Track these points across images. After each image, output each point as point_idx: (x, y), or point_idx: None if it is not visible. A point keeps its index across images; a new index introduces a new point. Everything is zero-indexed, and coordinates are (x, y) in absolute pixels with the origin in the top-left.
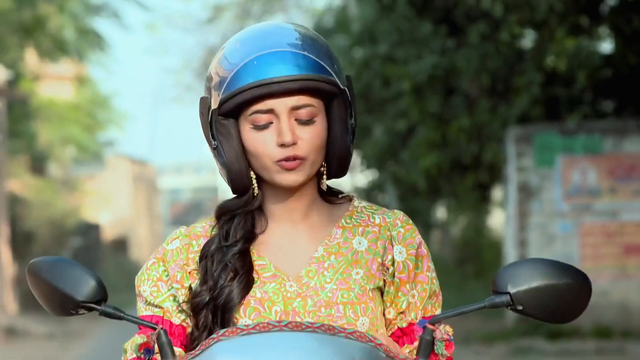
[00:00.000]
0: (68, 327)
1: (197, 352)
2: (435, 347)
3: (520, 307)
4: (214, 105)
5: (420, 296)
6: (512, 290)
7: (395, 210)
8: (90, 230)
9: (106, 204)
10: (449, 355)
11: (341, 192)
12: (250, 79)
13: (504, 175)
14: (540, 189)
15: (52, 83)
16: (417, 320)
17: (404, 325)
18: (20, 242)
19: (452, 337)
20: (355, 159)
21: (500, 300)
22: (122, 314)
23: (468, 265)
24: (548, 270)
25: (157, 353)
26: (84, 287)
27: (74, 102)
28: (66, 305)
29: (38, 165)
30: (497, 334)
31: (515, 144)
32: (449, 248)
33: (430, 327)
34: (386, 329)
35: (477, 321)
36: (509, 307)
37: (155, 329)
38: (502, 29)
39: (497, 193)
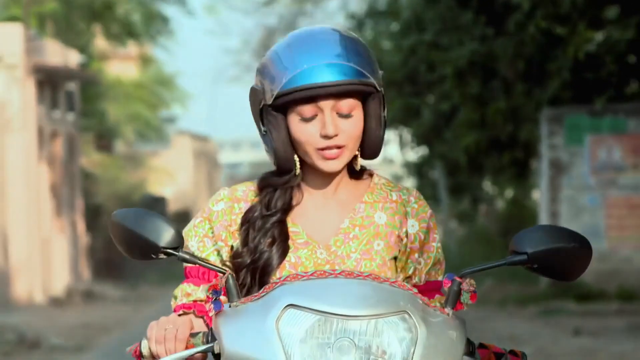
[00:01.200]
0: (139, 291)
1: (262, 294)
2: (461, 297)
3: (535, 266)
4: (268, 99)
5: (426, 262)
6: (529, 250)
7: (409, 188)
8: (156, 202)
9: (170, 178)
10: (472, 303)
11: (364, 168)
12: (301, 82)
13: (539, 152)
14: (570, 165)
15: (118, 63)
16: (422, 282)
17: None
18: (91, 215)
19: (476, 289)
20: (407, 136)
21: (518, 259)
22: (197, 260)
23: (511, 236)
24: (559, 235)
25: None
26: (165, 234)
27: (138, 80)
28: (147, 251)
29: (105, 143)
30: (530, 297)
31: (547, 124)
32: (494, 220)
33: (458, 279)
34: None
35: (513, 286)
36: (525, 265)
37: (224, 273)
38: (529, 23)
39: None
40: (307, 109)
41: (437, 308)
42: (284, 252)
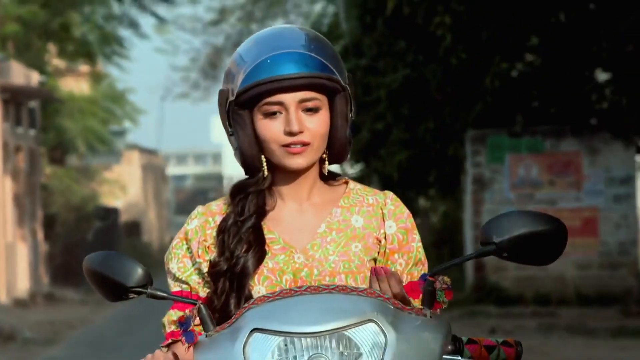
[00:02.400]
0: (96, 295)
1: (232, 321)
2: (437, 296)
3: (505, 254)
4: (231, 96)
5: (407, 263)
6: (497, 239)
7: (386, 191)
8: (108, 213)
9: (121, 190)
10: (449, 300)
11: (339, 175)
12: (264, 75)
13: (464, 169)
14: (492, 181)
15: (70, 80)
16: (405, 283)
17: None
18: (47, 225)
19: (450, 286)
20: None
21: (487, 249)
22: (166, 295)
23: (444, 247)
24: (528, 219)
25: (197, 325)
26: (132, 275)
27: (91, 96)
28: (118, 292)
29: (57, 156)
30: (455, 302)
31: (471, 143)
32: (428, 232)
33: (431, 279)
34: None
35: None
36: (495, 255)
37: (195, 304)
38: (452, 54)
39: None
40: (272, 106)
41: (414, 311)
42: (261, 257)
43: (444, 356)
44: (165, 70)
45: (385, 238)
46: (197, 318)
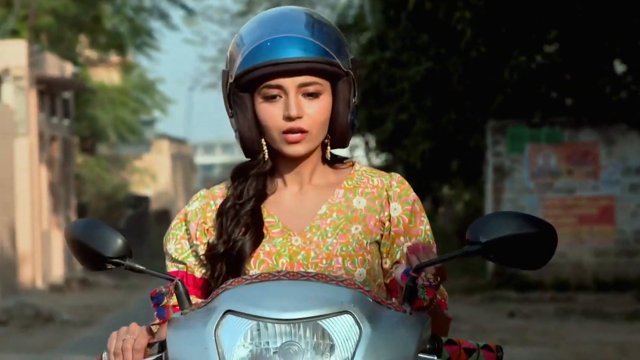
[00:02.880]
0: (129, 281)
1: (208, 301)
2: (418, 293)
3: (491, 256)
4: (232, 78)
5: None
6: (483, 240)
7: (392, 173)
8: (140, 201)
9: (151, 179)
10: (431, 298)
11: (345, 158)
12: (263, 58)
13: (485, 159)
14: (512, 170)
15: (101, 70)
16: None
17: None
18: (80, 213)
19: (432, 283)
20: (372, 142)
21: (473, 249)
22: (144, 269)
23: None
24: (515, 221)
25: (175, 305)
26: (112, 245)
27: (122, 87)
28: (96, 261)
29: (88, 145)
30: (476, 287)
31: (492, 134)
32: (452, 221)
33: (413, 274)
34: (385, 278)
35: (463, 278)
36: (480, 255)
37: (173, 280)
38: (472, 48)
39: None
40: (271, 89)
41: (393, 306)
42: (258, 239)
43: (420, 355)
44: (194, 60)
45: (390, 220)
46: (174, 295)
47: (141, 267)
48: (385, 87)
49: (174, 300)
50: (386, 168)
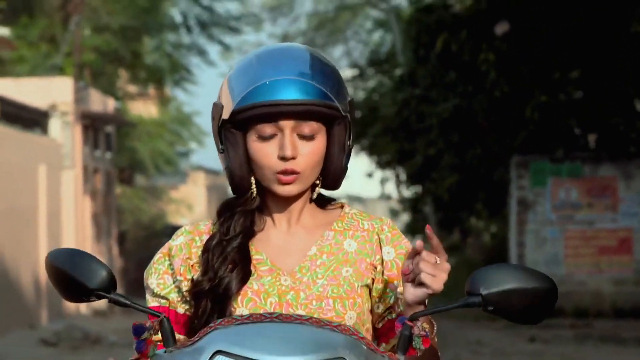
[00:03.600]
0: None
1: (196, 339)
2: (413, 342)
3: (491, 308)
4: (226, 114)
5: None
6: (483, 292)
7: (384, 217)
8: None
9: (187, 210)
10: (426, 348)
11: (334, 199)
12: (262, 98)
13: (509, 192)
14: (535, 203)
15: (139, 103)
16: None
17: (394, 316)
18: (119, 242)
19: (428, 333)
20: (402, 175)
21: (472, 301)
22: (129, 302)
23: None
24: (517, 274)
25: (159, 342)
26: (96, 276)
27: (159, 119)
28: (79, 293)
29: (126, 176)
30: None
31: (516, 168)
32: (479, 251)
33: (409, 323)
34: (376, 323)
35: None
36: (479, 307)
37: (159, 316)
38: (496, 88)
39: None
40: (266, 128)
41: (387, 355)
42: (245, 277)
43: None
44: None
45: (382, 264)
46: (159, 331)
47: (126, 301)
48: (415, 123)
49: (157, 336)
50: (415, 200)
